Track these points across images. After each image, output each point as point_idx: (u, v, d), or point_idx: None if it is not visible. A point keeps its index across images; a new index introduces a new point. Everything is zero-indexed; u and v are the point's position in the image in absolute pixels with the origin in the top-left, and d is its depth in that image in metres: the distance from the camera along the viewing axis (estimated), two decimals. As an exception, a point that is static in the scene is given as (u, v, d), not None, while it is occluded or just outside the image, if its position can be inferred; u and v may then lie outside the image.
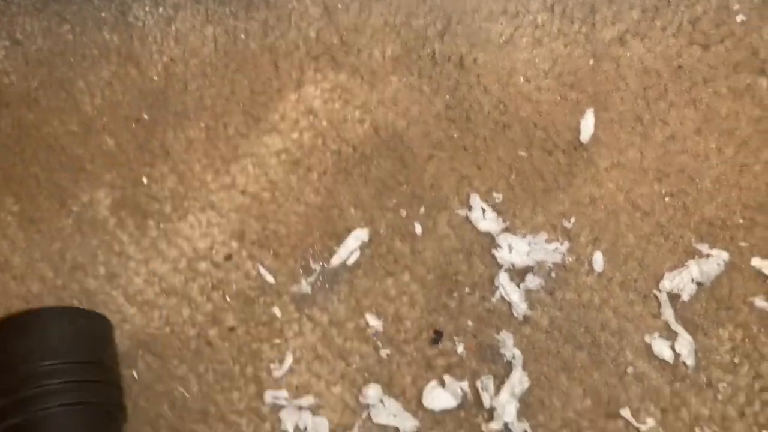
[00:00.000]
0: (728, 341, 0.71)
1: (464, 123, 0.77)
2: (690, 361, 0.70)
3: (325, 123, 0.80)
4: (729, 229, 0.70)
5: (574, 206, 0.75)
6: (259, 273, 0.79)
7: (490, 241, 0.75)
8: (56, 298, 0.80)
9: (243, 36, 0.84)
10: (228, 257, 0.81)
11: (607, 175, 0.74)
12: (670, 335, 0.72)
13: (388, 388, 0.76)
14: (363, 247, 0.78)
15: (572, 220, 0.74)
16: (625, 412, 0.72)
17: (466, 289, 0.76)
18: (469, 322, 0.75)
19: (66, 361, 0.68)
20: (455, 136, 0.77)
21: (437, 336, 0.75)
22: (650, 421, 0.71)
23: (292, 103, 0.81)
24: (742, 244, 0.70)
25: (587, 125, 0.73)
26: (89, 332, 0.74)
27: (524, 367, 0.73)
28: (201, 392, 0.79)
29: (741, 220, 0.70)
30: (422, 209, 0.77)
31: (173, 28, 0.86)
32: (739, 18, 0.77)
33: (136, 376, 0.79)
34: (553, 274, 0.74)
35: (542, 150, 0.75)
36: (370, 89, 0.79)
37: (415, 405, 0.75)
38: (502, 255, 0.74)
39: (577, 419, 0.73)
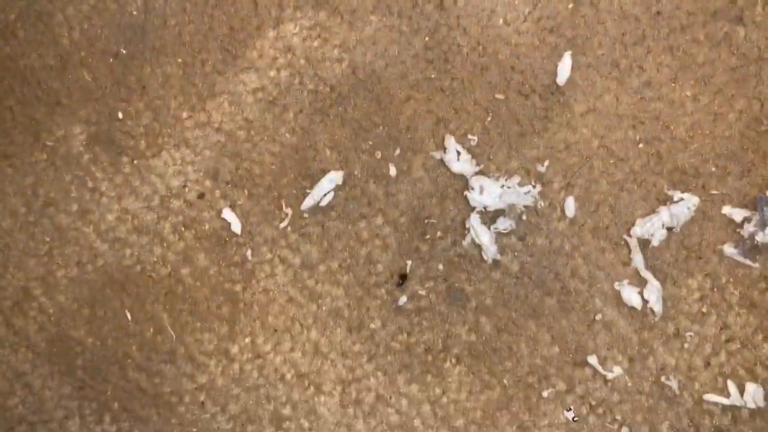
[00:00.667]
0: (697, 291, 0.70)
1: (442, 64, 0.76)
2: (658, 308, 0.70)
3: (303, 61, 0.79)
4: (701, 177, 0.70)
5: (549, 151, 0.74)
6: (232, 212, 0.79)
7: (464, 184, 0.75)
8: (27, 234, 0.79)
9: (222, -29, 0.82)
10: (201, 196, 0.80)
11: (582, 121, 0.73)
12: (640, 282, 0.72)
13: (357, 332, 0.76)
14: (337, 190, 0.78)
15: (546, 164, 0.74)
16: (593, 360, 0.72)
17: (438, 233, 0.76)
18: (440, 266, 0.75)
19: None
20: (433, 77, 0.76)
21: (402, 280, 0.75)
22: (617, 369, 0.71)
23: (270, 41, 0.79)
24: (714, 192, 0.70)
25: (564, 68, 0.72)
26: None
27: (493, 311, 0.73)
28: (172, 332, 0.79)
29: (714, 169, 0.69)
30: (397, 151, 0.77)
31: (152, -38, 0.84)
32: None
33: (104, 315, 0.79)
34: (524, 218, 0.73)
35: (519, 94, 0.74)
36: (349, 28, 0.78)
37: (383, 348, 0.75)
38: (474, 197, 0.73)
39: (544, 366, 0.73)
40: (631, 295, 0.70)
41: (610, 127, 0.72)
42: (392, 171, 0.77)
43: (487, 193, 0.73)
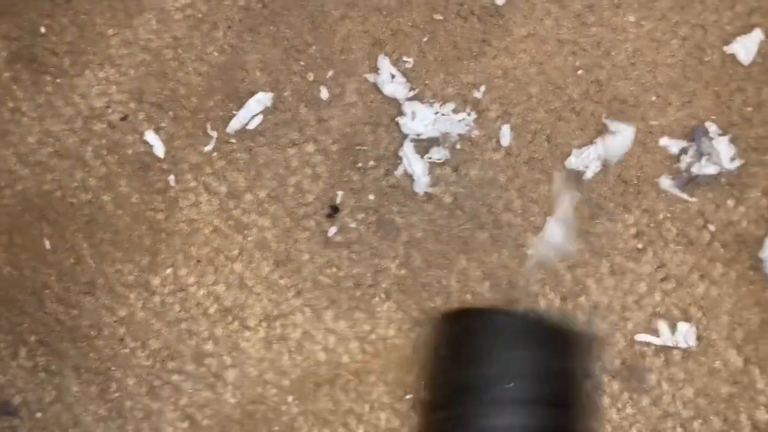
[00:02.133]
0: (633, 226, 0.68)
1: (380, -17, 0.72)
2: (571, 248, 0.67)
3: (234, -23, 0.75)
4: (641, 107, 0.67)
5: (486, 77, 0.71)
6: (157, 136, 0.75)
7: (398, 111, 0.72)
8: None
9: None
10: (124, 118, 0.76)
11: (521, 46, 0.70)
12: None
13: (284, 265, 0.72)
14: (266, 113, 0.74)
15: (482, 90, 0.70)
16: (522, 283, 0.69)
17: (371, 162, 0.72)
18: (371, 197, 0.72)
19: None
20: (369, -4, 0.72)
21: (333, 211, 0.72)
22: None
23: (200, -45, 0.76)
24: (653, 122, 0.67)
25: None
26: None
27: (424, 245, 0.70)
28: (92, 262, 0.76)
29: (654, 98, 0.67)
30: (330, 73, 0.73)
31: None
32: None
33: (22, 243, 0.75)
34: (458, 147, 0.70)
35: (458, 15, 0.71)
36: (284, -57, 0.74)
37: (311, 283, 0.72)
38: (406, 122, 0.70)
39: (474, 302, 0.70)
40: (553, 231, 0.67)
41: (550, 53, 0.69)
42: (324, 94, 0.73)
43: (420, 119, 0.69)
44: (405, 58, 0.71)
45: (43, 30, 0.78)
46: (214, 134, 0.74)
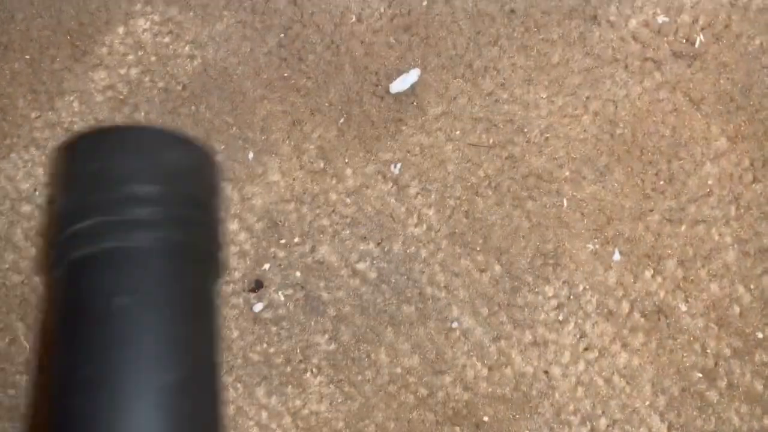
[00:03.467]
0: (554, 298, 0.68)
1: (296, 63, 0.72)
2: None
3: (153, 58, 0.75)
4: (556, 182, 0.67)
5: (404, 155, 0.71)
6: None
7: (320, 186, 0.72)
8: None
9: (71, -38, 0.78)
10: (52, 200, 0.76)
11: (436, 124, 0.71)
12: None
13: (216, 340, 0.73)
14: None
15: (401, 167, 0.71)
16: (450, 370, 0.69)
17: (296, 239, 0.73)
18: (298, 273, 0.72)
19: (171, 192, 0.48)
20: (287, 75, 0.73)
21: (257, 286, 0.72)
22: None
23: (120, 37, 0.75)
24: (569, 196, 0.68)
25: (411, 77, 0.69)
26: (205, 167, 0.54)
27: (351, 320, 0.71)
28: (26, 343, 0.76)
29: (568, 173, 0.67)
30: (251, 154, 0.73)
31: (0, -49, 0.80)
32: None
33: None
34: (380, 223, 0.71)
35: (373, 95, 0.71)
36: (201, 24, 0.74)
37: (241, 359, 0.72)
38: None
39: (404, 375, 0.71)
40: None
41: (465, 130, 0.69)
42: (246, 173, 0.74)
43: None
44: (325, 137, 0.72)
45: (-33, 113, 0.77)
46: (141, 215, 0.74)
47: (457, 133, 0.69)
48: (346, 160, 0.72)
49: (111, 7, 0.76)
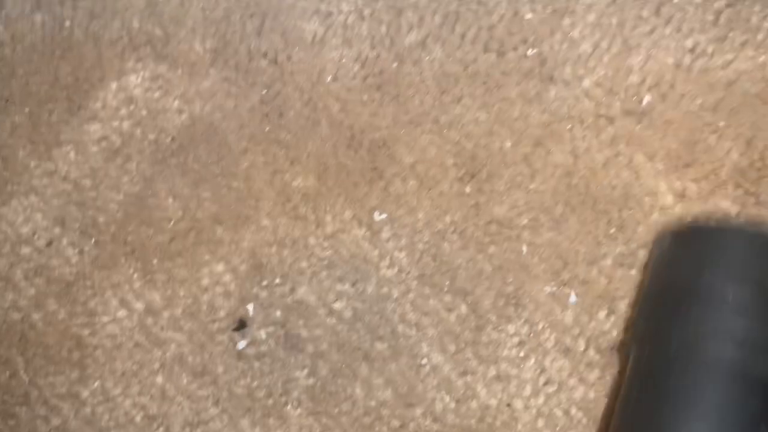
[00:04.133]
0: (515, 336, 0.74)
1: (277, 118, 0.78)
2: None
3: (144, 112, 0.80)
4: (515, 229, 0.73)
5: (379, 202, 0.77)
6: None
7: (300, 232, 0.77)
8: None
9: (69, 23, 0.83)
10: (49, 243, 0.82)
11: (411, 172, 0.76)
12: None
13: (201, 377, 0.78)
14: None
15: (376, 213, 0.76)
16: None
17: (277, 280, 0.78)
18: (278, 313, 0.77)
19: None
20: (268, 130, 0.78)
21: (240, 325, 0.77)
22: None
23: (113, 92, 0.81)
24: (528, 242, 0.73)
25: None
26: None
27: (329, 356, 0.76)
28: (25, 377, 0.81)
29: (526, 221, 0.72)
30: (234, 199, 0.79)
31: (3, 13, 0.85)
32: (531, 26, 0.78)
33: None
34: (356, 265, 0.76)
35: (348, 147, 0.77)
36: (189, 81, 0.80)
37: (227, 392, 0.77)
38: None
39: (378, 408, 0.76)
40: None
41: (437, 178, 0.75)
42: (234, 219, 0.79)
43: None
44: (303, 185, 0.77)
45: (-30, 162, 0.83)
46: (133, 260, 0.80)
47: (429, 181, 0.74)
48: (327, 208, 0.77)
49: (105, 65, 0.82)
